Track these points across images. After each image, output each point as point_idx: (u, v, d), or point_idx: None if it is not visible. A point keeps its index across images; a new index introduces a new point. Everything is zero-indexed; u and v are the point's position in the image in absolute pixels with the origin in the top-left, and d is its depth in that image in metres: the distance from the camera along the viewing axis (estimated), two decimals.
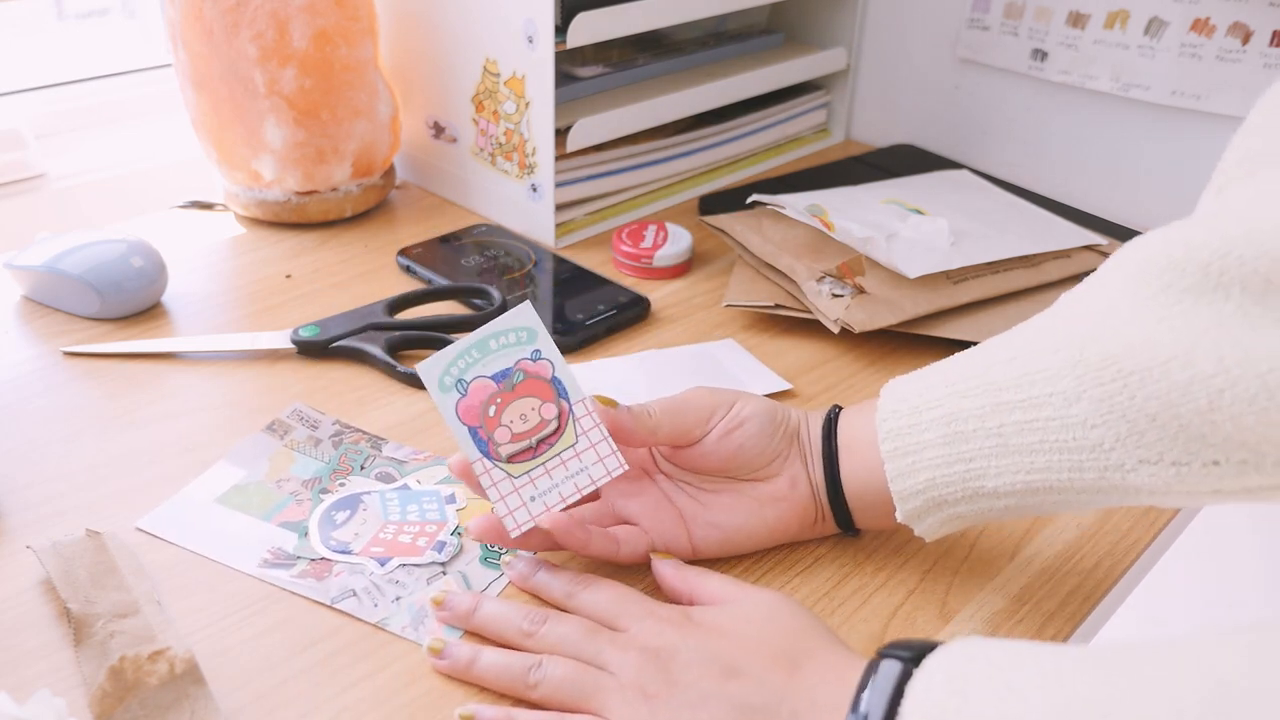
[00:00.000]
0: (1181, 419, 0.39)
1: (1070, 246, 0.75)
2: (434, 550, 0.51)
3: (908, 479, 0.47)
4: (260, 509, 0.54)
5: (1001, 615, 0.50)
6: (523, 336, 0.48)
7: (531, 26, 0.75)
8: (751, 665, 0.42)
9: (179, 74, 0.79)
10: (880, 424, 0.48)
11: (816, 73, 0.99)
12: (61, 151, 0.90)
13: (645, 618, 0.44)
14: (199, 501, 0.54)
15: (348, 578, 0.50)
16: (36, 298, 0.71)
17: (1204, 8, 0.80)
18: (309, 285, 0.75)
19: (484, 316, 0.68)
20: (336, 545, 0.52)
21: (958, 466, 0.46)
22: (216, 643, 0.46)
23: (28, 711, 0.38)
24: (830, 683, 0.40)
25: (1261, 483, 0.40)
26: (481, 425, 0.47)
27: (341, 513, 0.54)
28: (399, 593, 0.49)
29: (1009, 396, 0.44)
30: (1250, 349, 0.37)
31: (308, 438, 0.59)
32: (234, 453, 0.57)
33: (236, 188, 0.83)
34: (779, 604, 0.45)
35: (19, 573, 0.49)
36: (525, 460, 0.47)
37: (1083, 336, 0.43)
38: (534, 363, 0.48)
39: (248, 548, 0.51)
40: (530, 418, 0.47)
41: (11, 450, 0.57)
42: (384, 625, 0.47)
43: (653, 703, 0.41)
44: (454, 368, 0.47)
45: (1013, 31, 0.90)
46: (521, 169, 0.81)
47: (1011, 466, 0.45)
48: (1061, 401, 0.43)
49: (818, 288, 0.69)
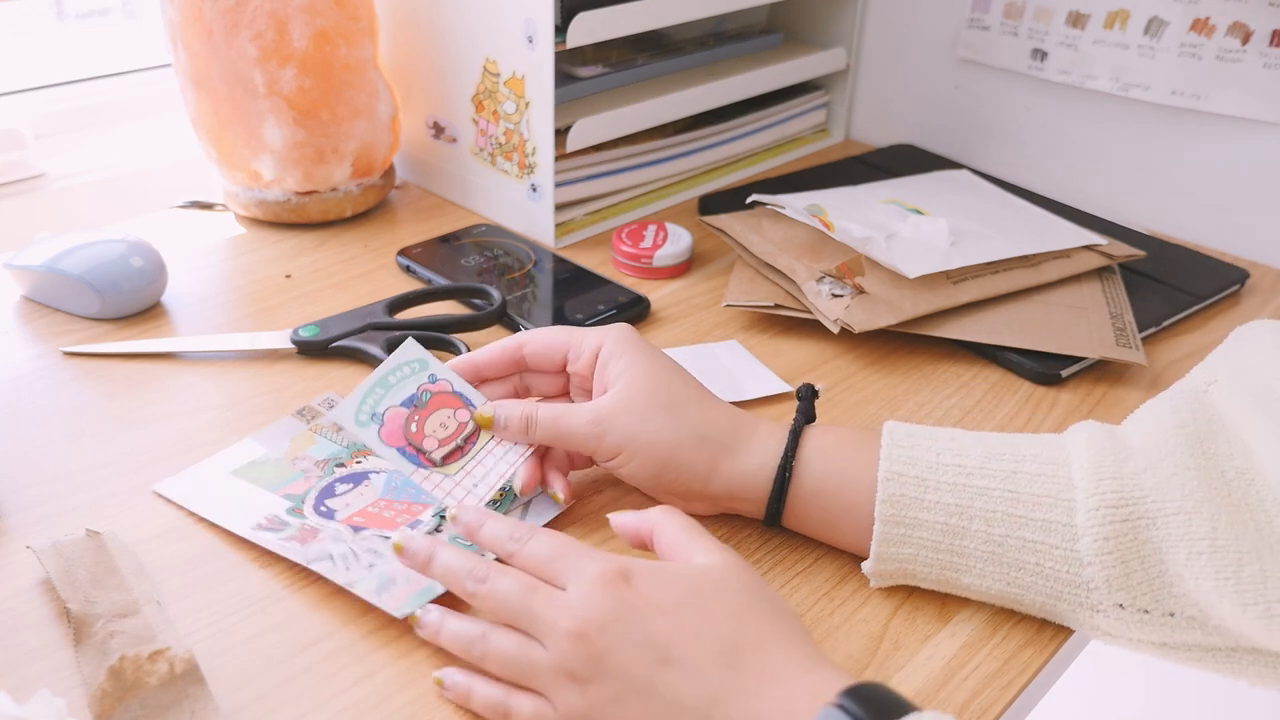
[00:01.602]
0: (1164, 564, 0.44)
1: (1070, 246, 0.75)
2: (408, 528, 0.52)
3: (893, 545, 0.48)
4: (270, 482, 0.55)
5: (1001, 616, 0.50)
6: (415, 367, 0.54)
7: (531, 26, 0.75)
8: (687, 654, 0.40)
9: (179, 74, 0.79)
10: (883, 482, 0.48)
11: (816, 73, 0.99)
12: (61, 151, 0.90)
13: (580, 577, 0.42)
14: (216, 472, 0.56)
15: (329, 544, 0.50)
16: (36, 298, 0.71)
17: (1204, 8, 0.80)
18: (309, 285, 0.75)
19: (484, 316, 0.68)
20: (324, 511, 0.53)
21: (944, 555, 0.48)
22: (216, 643, 0.46)
23: (28, 711, 0.38)
24: (773, 693, 0.38)
25: (1201, 641, 0.45)
26: (408, 443, 0.53)
27: (345, 485, 0.55)
28: (373, 560, 0.50)
29: (1026, 512, 0.46)
30: (1240, 532, 0.43)
31: (331, 423, 0.59)
32: (262, 432, 0.59)
33: (236, 188, 0.83)
34: (728, 574, 0.43)
35: (19, 573, 0.49)
36: (457, 459, 0.53)
37: (1102, 470, 0.46)
38: (433, 384, 0.54)
39: (246, 514, 0.53)
40: (449, 424, 0.54)
41: (11, 450, 0.57)
42: (350, 588, 0.48)
43: (583, 688, 0.40)
44: (364, 405, 0.53)
45: (1013, 31, 0.91)
46: (521, 169, 0.81)
47: (996, 574, 0.48)
48: (1070, 535, 0.46)
49: (817, 288, 0.69)
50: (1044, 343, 0.67)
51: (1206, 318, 0.75)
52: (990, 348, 0.68)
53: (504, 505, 0.54)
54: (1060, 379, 0.66)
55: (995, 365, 0.68)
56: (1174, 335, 0.73)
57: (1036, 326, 0.68)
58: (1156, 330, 0.72)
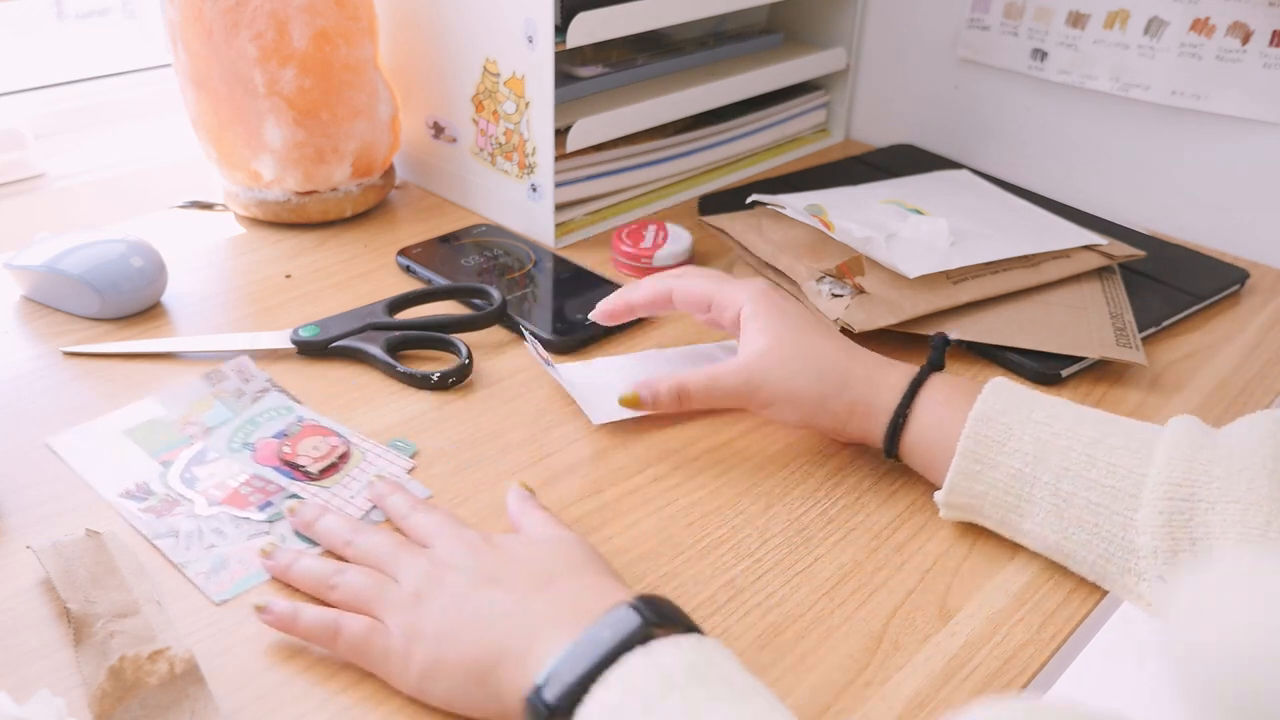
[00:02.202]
0: (1213, 550, 0.45)
1: (1070, 246, 0.75)
2: (258, 509, 0.53)
3: (966, 480, 0.52)
4: (155, 446, 0.57)
5: (1001, 615, 0.50)
6: (284, 411, 0.59)
7: (531, 26, 0.75)
8: (513, 578, 0.44)
9: (179, 74, 0.79)
10: (972, 420, 0.51)
11: (816, 73, 0.99)
12: (61, 151, 0.90)
13: (451, 539, 0.48)
14: (109, 431, 0.58)
15: (182, 520, 0.52)
16: (36, 298, 0.71)
17: (1204, 8, 0.80)
18: (309, 285, 0.75)
19: (484, 316, 0.68)
20: (188, 478, 0.55)
21: (1011, 498, 0.51)
22: (216, 643, 0.46)
23: (28, 711, 0.38)
24: (577, 604, 0.42)
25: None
26: (281, 461, 0.56)
27: (216, 454, 0.57)
28: (215, 541, 0.51)
29: (1098, 477, 0.49)
30: None
31: (235, 390, 0.61)
32: (165, 392, 0.60)
33: (236, 188, 0.83)
34: (570, 542, 0.48)
35: (19, 573, 0.49)
36: (334, 474, 0.56)
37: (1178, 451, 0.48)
38: (301, 423, 0.59)
39: (119, 478, 0.54)
40: (321, 447, 0.57)
41: (11, 450, 0.57)
42: (182, 568, 0.49)
43: (418, 603, 0.44)
44: (236, 437, 0.58)
45: (1013, 31, 0.90)
46: (521, 169, 0.81)
47: (1054, 526, 0.50)
48: (1133, 504, 0.48)
49: (817, 288, 0.69)
50: (1044, 343, 0.67)
51: (1206, 318, 0.75)
52: (991, 348, 0.68)
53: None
54: (1060, 379, 0.66)
55: (996, 365, 0.68)
56: (1174, 335, 0.73)
57: (1036, 326, 0.68)
58: (1156, 330, 0.72)
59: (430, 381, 0.64)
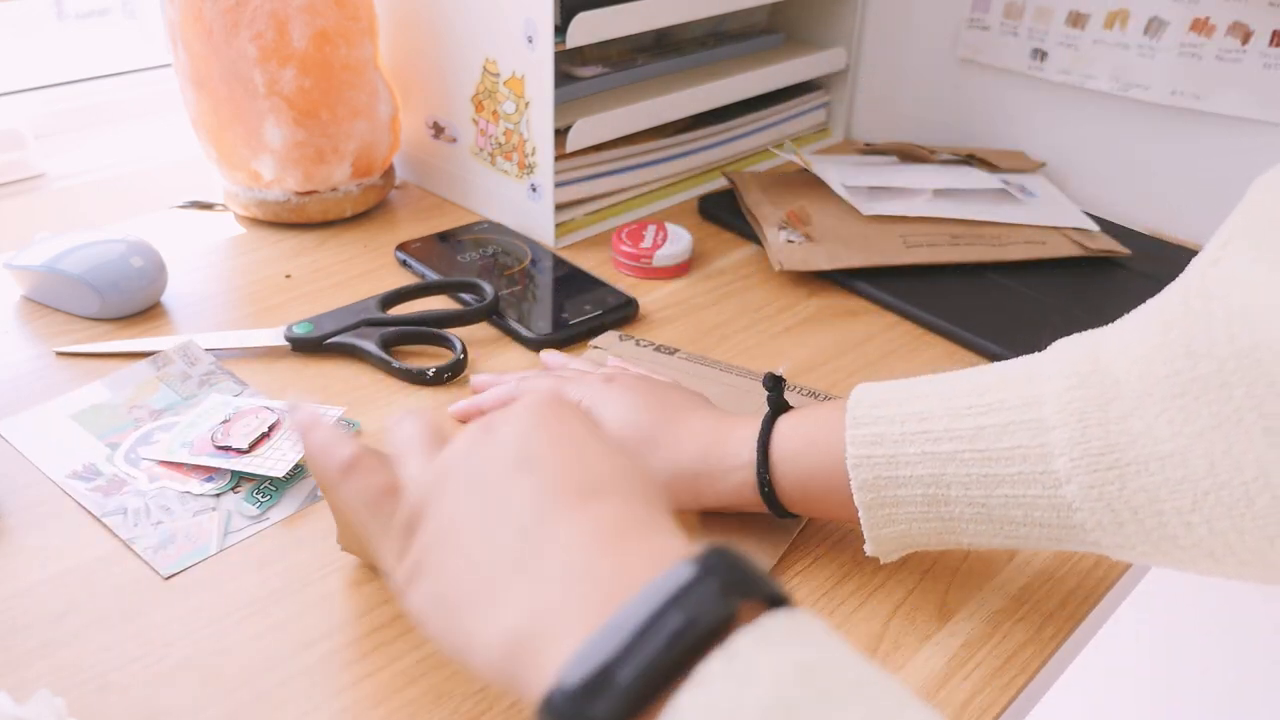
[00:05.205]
0: (1163, 515, 0.41)
1: (1044, 224, 0.75)
2: (203, 481, 0.55)
3: (883, 527, 0.48)
4: (102, 429, 0.58)
5: (1001, 615, 0.50)
6: (222, 406, 0.60)
7: (531, 26, 0.75)
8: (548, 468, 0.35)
9: (179, 74, 0.79)
10: (853, 469, 0.47)
11: (816, 72, 0.99)
12: (61, 151, 0.90)
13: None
14: (56, 415, 0.59)
15: (129, 498, 0.53)
16: (36, 298, 0.71)
17: (1204, 8, 0.80)
18: (309, 285, 0.75)
19: (475, 311, 0.68)
20: (133, 458, 0.56)
21: (934, 523, 0.47)
22: (216, 643, 0.46)
23: (28, 711, 0.38)
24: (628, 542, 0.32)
25: (1217, 570, 0.42)
26: (215, 446, 0.56)
27: (163, 433, 0.58)
28: (162, 518, 0.52)
29: (999, 470, 0.44)
30: (1240, 456, 0.39)
31: (181, 373, 0.62)
32: (110, 377, 0.62)
33: (236, 188, 0.83)
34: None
35: (19, 573, 0.49)
36: (264, 444, 0.57)
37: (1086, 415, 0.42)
38: (236, 411, 0.59)
39: (67, 460, 0.56)
40: (254, 425, 0.58)
41: (11, 450, 0.57)
42: (130, 544, 0.51)
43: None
44: (176, 441, 0.58)
45: (1013, 31, 0.90)
46: (521, 169, 0.81)
47: (990, 531, 0.46)
48: (1052, 482, 0.43)
49: (778, 234, 0.74)
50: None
51: None
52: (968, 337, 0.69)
53: (300, 476, 0.56)
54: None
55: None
56: None
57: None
58: None
59: (425, 377, 0.64)
